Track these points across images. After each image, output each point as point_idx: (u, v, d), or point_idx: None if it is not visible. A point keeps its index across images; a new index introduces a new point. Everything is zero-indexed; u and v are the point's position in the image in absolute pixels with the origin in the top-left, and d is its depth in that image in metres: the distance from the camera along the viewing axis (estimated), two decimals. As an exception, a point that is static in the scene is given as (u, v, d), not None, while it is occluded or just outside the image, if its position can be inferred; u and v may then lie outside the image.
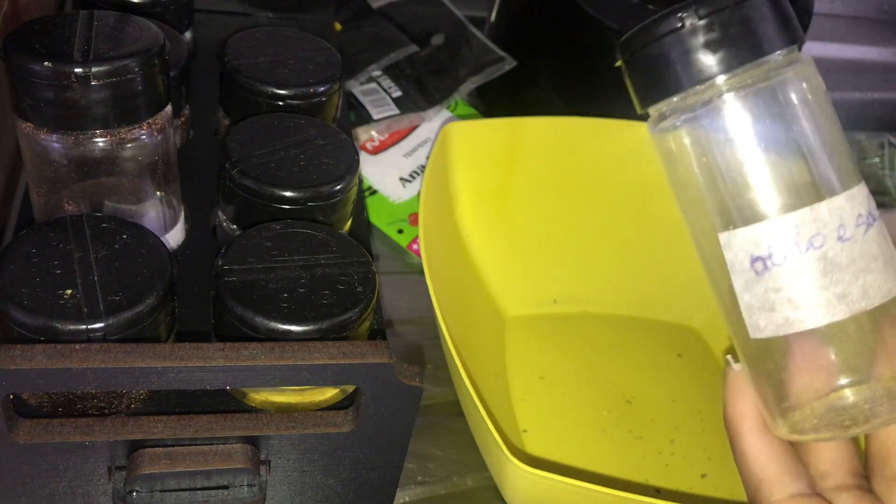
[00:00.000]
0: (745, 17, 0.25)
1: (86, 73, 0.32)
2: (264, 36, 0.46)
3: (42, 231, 0.32)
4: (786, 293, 0.26)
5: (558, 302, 0.52)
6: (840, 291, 0.25)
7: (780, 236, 0.26)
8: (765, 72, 0.25)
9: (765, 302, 0.26)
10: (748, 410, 0.28)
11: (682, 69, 0.26)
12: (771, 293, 0.26)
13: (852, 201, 0.26)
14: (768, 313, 0.26)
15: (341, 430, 0.33)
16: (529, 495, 0.36)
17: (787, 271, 0.26)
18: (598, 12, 0.55)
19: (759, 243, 0.26)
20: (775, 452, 0.28)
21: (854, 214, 0.25)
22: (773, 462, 0.28)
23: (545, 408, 0.47)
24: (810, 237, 0.25)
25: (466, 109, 0.63)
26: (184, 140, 0.46)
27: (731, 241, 0.27)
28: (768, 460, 0.28)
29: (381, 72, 0.62)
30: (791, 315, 0.26)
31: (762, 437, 0.28)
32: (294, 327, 0.32)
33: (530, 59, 0.62)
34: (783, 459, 0.28)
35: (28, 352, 0.28)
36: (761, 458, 0.28)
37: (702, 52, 0.25)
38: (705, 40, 0.25)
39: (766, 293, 0.26)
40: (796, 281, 0.26)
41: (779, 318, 0.26)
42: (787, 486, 0.27)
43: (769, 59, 0.26)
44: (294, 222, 0.36)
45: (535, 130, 0.50)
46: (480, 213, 0.50)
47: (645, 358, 0.51)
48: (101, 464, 0.31)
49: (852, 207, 0.25)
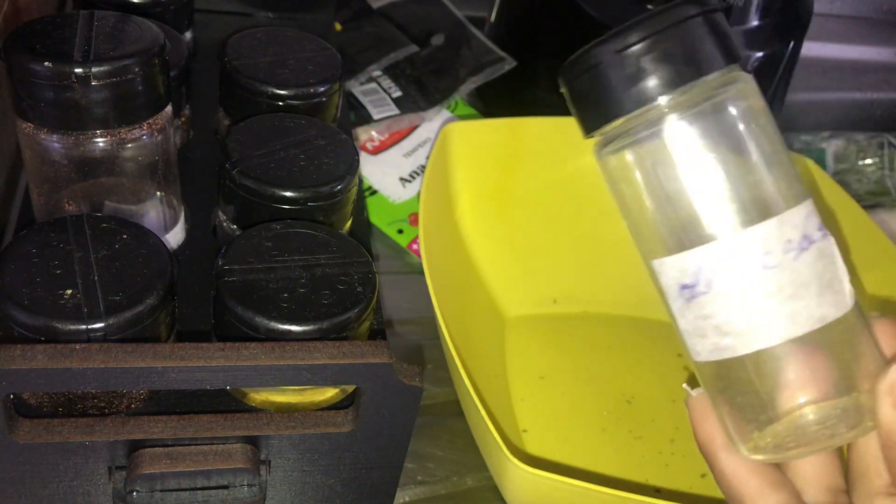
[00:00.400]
0: (682, 39, 0.25)
1: (86, 73, 0.32)
2: (264, 36, 0.46)
3: (42, 231, 0.32)
4: (712, 321, 0.26)
5: (558, 302, 0.52)
6: (766, 320, 0.25)
7: (703, 265, 0.25)
8: (704, 91, 0.25)
9: (696, 328, 0.26)
10: (716, 431, 0.28)
11: (623, 93, 0.25)
12: (699, 320, 0.26)
13: (782, 227, 0.25)
14: (701, 339, 0.26)
15: (341, 430, 0.33)
16: (529, 495, 0.36)
17: (712, 300, 0.25)
18: (598, 12, 0.55)
19: (685, 271, 0.26)
20: (753, 466, 0.28)
21: (783, 240, 0.25)
22: (752, 476, 0.28)
23: (545, 408, 0.47)
24: (733, 265, 0.25)
25: (466, 109, 0.63)
26: (184, 140, 0.46)
27: (662, 268, 0.27)
28: (747, 474, 0.27)
29: (382, 72, 0.62)
30: (720, 342, 0.26)
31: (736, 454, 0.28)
32: (294, 327, 0.32)
33: (530, 59, 0.62)
34: (762, 472, 0.28)
35: (28, 352, 0.28)
36: (739, 474, 0.28)
37: (640, 75, 0.25)
38: (643, 63, 0.25)
39: (696, 320, 0.26)
40: (722, 309, 0.25)
41: (710, 344, 0.26)
42: (769, 497, 0.27)
43: (708, 79, 0.25)
44: (294, 222, 0.36)
45: (535, 130, 0.50)
46: (480, 213, 0.50)
47: (645, 358, 0.51)
48: (102, 464, 0.31)
49: (781, 233, 0.25)
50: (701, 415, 0.29)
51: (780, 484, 0.27)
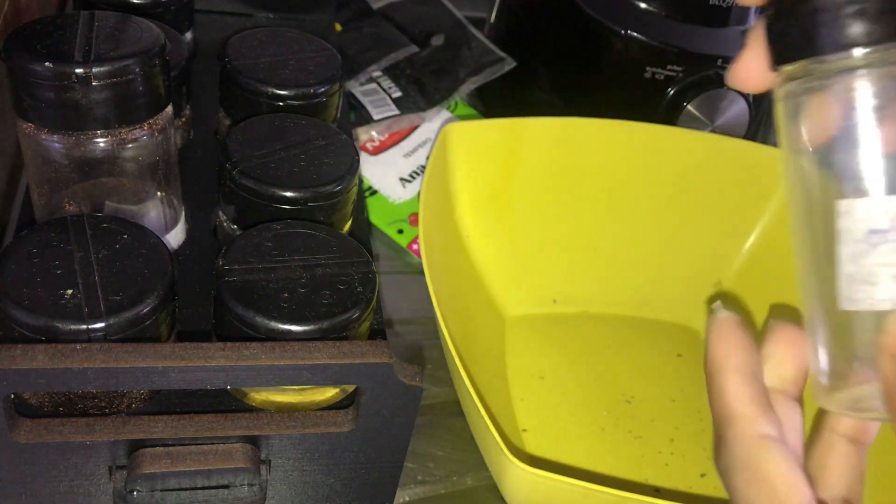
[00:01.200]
0: None
1: (87, 73, 0.32)
2: (265, 36, 0.46)
3: (43, 231, 0.32)
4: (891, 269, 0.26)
5: (558, 302, 0.52)
6: None
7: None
8: None
9: (869, 275, 0.26)
10: (734, 353, 0.29)
11: (825, 33, 0.25)
12: (878, 268, 0.26)
13: None
14: (869, 287, 0.26)
15: (341, 430, 0.33)
16: (529, 495, 0.36)
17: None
18: (598, 12, 0.55)
19: (883, 216, 0.26)
20: (755, 394, 0.28)
21: None
22: (752, 402, 0.28)
23: (545, 408, 0.47)
24: None
25: (466, 110, 0.63)
26: (184, 140, 0.46)
27: (852, 209, 0.26)
28: (747, 399, 0.28)
29: (382, 72, 0.62)
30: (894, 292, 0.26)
31: (745, 378, 0.28)
32: (294, 327, 0.32)
33: (530, 60, 0.62)
34: (761, 402, 0.28)
35: (29, 352, 0.28)
36: (742, 396, 0.28)
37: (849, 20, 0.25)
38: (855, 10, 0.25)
39: (874, 266, 0.26)
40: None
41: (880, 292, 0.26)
42: (759, 425, 0.28)
43: None
44: (294, 222, 0.36)
45: (535, 130, 0.50)
46: (480, 213, 0.50)
47: (645, 358, 0.51)
48: (102, 463, 0.31)
49: None
50: (723, 334, 0.29)
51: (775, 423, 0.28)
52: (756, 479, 0.27)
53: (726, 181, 0.52)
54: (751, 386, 0.28)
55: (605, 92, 0.57)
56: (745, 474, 0.27)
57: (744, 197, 0.52)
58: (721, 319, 0.29)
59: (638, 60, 0.54)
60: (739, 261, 0.53)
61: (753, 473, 0.27)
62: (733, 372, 0.28)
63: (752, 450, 0.27)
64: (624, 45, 0.54)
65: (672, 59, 0.54)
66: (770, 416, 0.28)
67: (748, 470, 0.27)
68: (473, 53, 0.64)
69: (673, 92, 0.55)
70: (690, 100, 0.54)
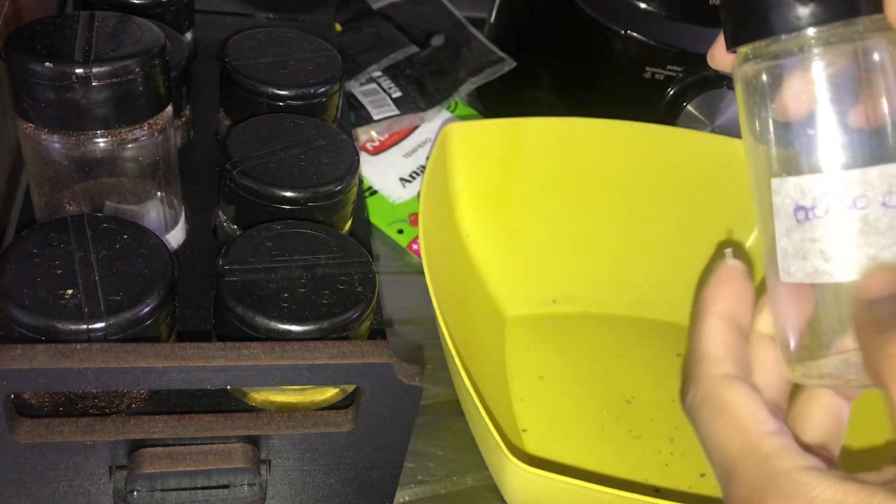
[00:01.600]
0: None
1: (87, 73, 0.32)
2: (265, 37, 0.46)
3: (43, 231, 0.32)
4: (820, 245, 0.27)
5: (558, 302, 0.52)
6: (872, 254, 0.26)
7: (826, 191, 0.26)
8: (853, 32, 0.26)
9: (799, 250, 0.27)
10: (724, 298, 0.30)
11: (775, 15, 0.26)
12: (807, 242, 0.27)
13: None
14: (800, 261, 0.27)
15: (341, 430, 0.33)
16: (529, 495, 0.36)
17: (826, 225, 0.27)
18: (598, 12, 0.55)
19: (805, 193, 0.27)
20: (729, 339, 0.29)
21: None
22: (723, 345, 0.29)
23: (545, 408, 0.47)
24: (855, 197, 0.26)
25: (466, 110, 0.63)
26: (184, 140, 0.46)
27: (782, 187, 0.28)
28: (720, 342, 0.29)
29: (381, 72, 0.62)
30: (820, 266, 0.27)
31: (724, 323, 0.29)
32: (294, 327, 0.32)
33: (530, 60, 0.62)
34: (733, 348, 0.29)
35: (29, 351, 0.28)
36: (715, 339, 0.29)
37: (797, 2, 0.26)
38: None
39: (803, 242, 0.27)
40: (832, 235, 0.27)
41: (808, 266, 0.27)
42: (727, 366, 0.29)
43: (860, 20, 0.26)
44: (294, 222, 0.36)
45: (535, 130, 0.50)
46: (480, 213, 0.50)
47: (644, 358, 0.51)
48: (102, 463, 0.31)
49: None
50: (722, 280, 0.30)
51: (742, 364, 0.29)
52: (719, 412, 0.28)
53: (726, 181, 0.52)
54: (727, 331, 0.29)
55: (605, 92, 0.57)
56: (708, 408, 0.28)
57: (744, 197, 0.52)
58: (726, 266, 0.30)
59: (638, 60, 0.54)
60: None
61: (717, 407, 0.28)
62: (714, 316, 0.29)
63: (716, 385, 0.28)
64: (624, 45, 0.54)
65: (672, 59, 0.54)
66: (738, 359, 0.29)
67: (712, 404, 0.28)
68: (473, 53, 0.64)
69: (673, 92, 0.55)
70: (690, 100, 0.54)
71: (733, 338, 0.29)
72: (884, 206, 0.26)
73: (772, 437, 0.26)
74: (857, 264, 0.26)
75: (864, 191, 0.26)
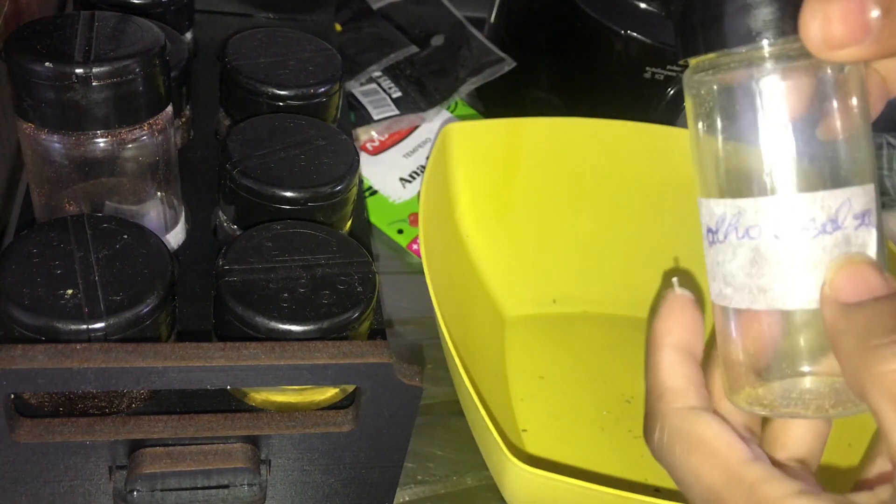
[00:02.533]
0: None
1: (87, 73, 0.32)
2: (265, 37, 0.46)
3: (43, 231, 0.32)
4: (720, 269, 0.27)
5: (558, 302, 0.52)
6: (762, 284, 0.26)
7: (725, 217, 0.26)
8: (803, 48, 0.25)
9: (710, 270, 0.27)
10: (676, 329, 0.29)
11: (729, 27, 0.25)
12: (714, 265, 0.27)
13: (812, 204, 0.25)
14: (713, 282, 0.27)
15: (341, 430, 0.33)
16: (529, 495, 0.36)
17: (723, 251, 0.27)
18: (598, 12, 0.55)
19: (711, 217, 0.27)
20: (687, 370, 0.29)
21: (805, 217, 0.25)
22: (682, 377, 0.29)
23: (545, 407, 0.47)
24: (748, 226, 0.26)
25: (466, 110, 0.63)
26: (184, 140, 0.46)
27: (700, 208, 0.28)
28: (679, 374, 0.29)
29: (381, 72, 0.62)
30: (723, 290, 0.27)
31: (680, 355, 0.29)
32: (294, 327, 0.32)
33: (530, 60, 0.62)
34: (693, 379, 0.29)
35: (29, 351, 0.28)
36: (673, 371, 0.29)
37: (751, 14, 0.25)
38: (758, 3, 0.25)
39: (712, 264, 0.27)
40: (728, 262, 0.26)
41: (716, 288, 0.27)
42: (689, 398, 0.28)
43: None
44: (294, 222, 0.36)
45: (535, 130, 0.50)
46: (480, 213, 0.50)
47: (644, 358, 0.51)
48: (102, 463, 0.31)
49: (806, 210, 0.25)
50: (672, 310, 0.30)
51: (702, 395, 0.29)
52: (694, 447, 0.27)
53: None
54: (684, 363, 0.29)
55: (605, 92, 0.57)
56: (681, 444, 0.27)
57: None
58: (673, 296, 0.30)
59: (638, 60, 0.54)
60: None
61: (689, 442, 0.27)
62: (669, 348, 0.29)
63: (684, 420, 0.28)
64: (624, 45, 0.54)
65: (672, 59, 0.54)
66: (700, 390, 0.29)
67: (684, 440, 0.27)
68: (473, 53, 0.64)
69: (673, 92, 0.55)
70: (690, 100, 0.54)
71: (690, 368, 0.29)
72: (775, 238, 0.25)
73: (753, 465, 0.26)
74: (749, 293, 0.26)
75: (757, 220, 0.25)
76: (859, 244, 0.25)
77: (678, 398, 0.28)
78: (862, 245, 0.25)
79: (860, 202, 0.25)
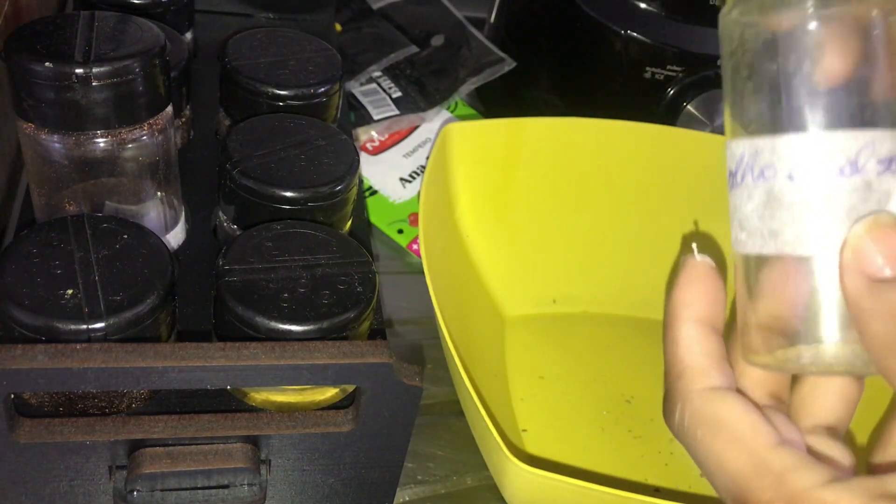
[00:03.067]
0: None
1: (87, 73, 0.32)
2: (265, 37, 0.46)
3: (43, 231, 0.32)
4: (737, 213, 0.26)
5: (558, 302, 0.52)
6: (774, 228, 0.24)
7: (743, 157, 0.25)
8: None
9: (731, 217, 0.26)
10: (696, 300, 0.27)
11: None
12: (733, 210, 0.26)
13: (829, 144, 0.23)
14: (732, 228, 0.26)
15: (341, 430, 0.33)
16: (529, 495, 0.36)
17: (740, 194, 0.25)
18: (598, 12, 0.55)
19: (732, 159, 0.26)
20: (709, 346, 0.27)
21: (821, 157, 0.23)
22: (704, 354, 0.27)
23: (545, 407, 0.47)
24: (763, 167, 0.24)
25: (466, 110, 0.63)
26: (184, 140, 0.46)
27: (726, 149, 0.27)
28: (700, 351, 0.27)
29: (381, 72, 0.62)
30: (738, 235, 0.26)
31: (700, 330, 0.27)
32: (294, 327, 0.32)
33: (530, 60, 0.62)
34: (714, 355, 0.27)
35: (29, 351, 0.28)
36: (694, 348, 0.27)
37: None
38: None
39: (732, 209, 0.26)
40: (744, 205, 0.25)
41: (733, 235, 0.26)
42: (711, 378, 0.26)
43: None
44: (294, 222, 0.36)
45: (535, 130, 0.50)
46: (480, 213, 0.50)
47: (645, 358, 0.51)
48: (102, 463, 0.31)
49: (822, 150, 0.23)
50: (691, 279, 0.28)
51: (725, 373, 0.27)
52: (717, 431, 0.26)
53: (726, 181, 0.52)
54: (706, 338, 0.27)
55: (605, 92, 0.57)
56: (703, 428, 0.26)
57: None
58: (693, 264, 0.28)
59: (638, 60, 0.54)
60: (739, 261, 0.53)
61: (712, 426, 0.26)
62: (689, 322, 0.27)
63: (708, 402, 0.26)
64: (624, 45, 0.54)
65: (672, 59, 0.54)
66: (722, 367, 0.27)
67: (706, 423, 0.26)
68: (473, 53, 0.64)
69: (673, 92, 0.55)
70: (690, 100, 0.54)
71: (712, 344, 0.27)
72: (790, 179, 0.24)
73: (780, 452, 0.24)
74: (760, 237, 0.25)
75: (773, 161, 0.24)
76: (882, 192, 0.23)
77: (699, 378, 0.27)
78: (885, 194, 0.23)
79: (886, 147, 0.23)
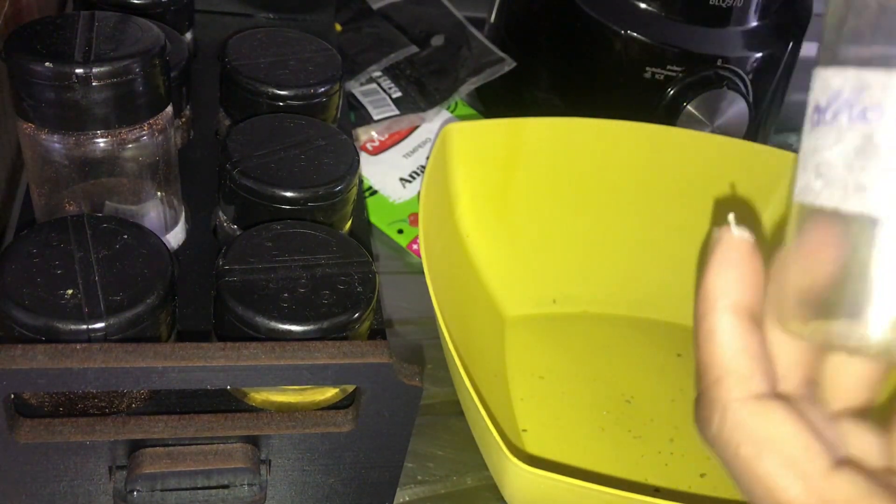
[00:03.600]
0: None
1: (87, 73, 0.32)
2: (265, 37, 0.46)
3: (43, 231, 0.32)
4: (815, 157, 0.22)
5: (558, 302, 0.52)
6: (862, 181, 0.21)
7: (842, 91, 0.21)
8: None
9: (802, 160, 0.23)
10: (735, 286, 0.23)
11: None
12: (808, 152, 0.22)
13: None
14: (802, 172, 0.23)
15: (341, 430, 0.33)
16: (529, 495, 0.36)
17: (826, 134, 0.22)
18: (598, 12, 0.55)
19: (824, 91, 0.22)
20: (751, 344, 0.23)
21: None
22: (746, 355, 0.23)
23: (545, 407, 0.47)
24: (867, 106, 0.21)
25: (466, 110, 0.63)
26: (184, 140, 0.46)
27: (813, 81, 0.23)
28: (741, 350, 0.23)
29: (381, 72, 0.62)
30: (812, 182, 0.22)
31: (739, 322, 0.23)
32: (294, 327, 0.32)
33: (530, 60, 0.62)
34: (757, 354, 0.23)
35: (29, 352, 0.28)
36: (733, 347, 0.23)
37: None
38: None
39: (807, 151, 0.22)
40: (828, 147, 0.22)
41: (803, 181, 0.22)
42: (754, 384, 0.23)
43: None
44: (294, 222, 0.36)
45: (535, 130, 0.50)
46: (480, 213, 0.50)
47: (645, 358, 0.51)
48: (102, 463, 0.31)
49: None
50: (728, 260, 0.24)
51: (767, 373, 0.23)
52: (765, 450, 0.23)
53: (726, 181, 0.52)
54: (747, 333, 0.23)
55: (605, 92, 0.57)
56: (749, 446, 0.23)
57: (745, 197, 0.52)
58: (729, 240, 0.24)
59: (638, 60, 0.54)
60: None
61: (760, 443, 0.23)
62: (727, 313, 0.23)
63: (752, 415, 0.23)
64: (624, 45, 0.54)
65: (672, 59, 0.54)
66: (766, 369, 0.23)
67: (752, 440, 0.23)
68: (473, 53, 0.64)
69: (673, 92, 0.55)
70: (690, 100, 0.54)
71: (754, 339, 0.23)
72: None
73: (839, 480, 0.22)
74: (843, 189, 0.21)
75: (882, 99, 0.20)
76: None
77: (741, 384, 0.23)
78: None
79: None
